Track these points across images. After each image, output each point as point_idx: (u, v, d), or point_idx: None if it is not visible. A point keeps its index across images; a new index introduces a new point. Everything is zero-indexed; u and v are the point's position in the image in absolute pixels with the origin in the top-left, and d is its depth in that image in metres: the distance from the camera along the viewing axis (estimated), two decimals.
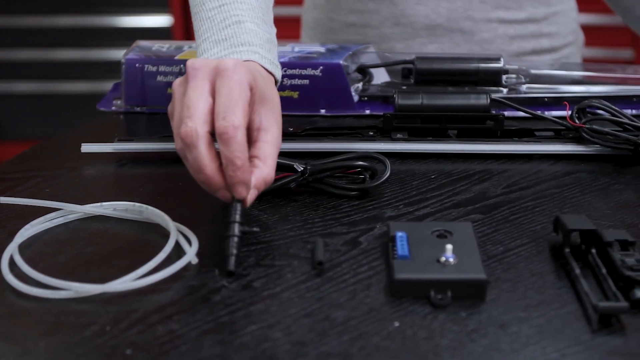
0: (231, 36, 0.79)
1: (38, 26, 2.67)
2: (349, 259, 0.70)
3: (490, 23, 1.15)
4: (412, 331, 0.60)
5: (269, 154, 0.71)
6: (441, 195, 0.81)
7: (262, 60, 0.78)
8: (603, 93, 1.02)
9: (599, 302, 0.61)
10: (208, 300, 0.64)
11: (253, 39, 0.79)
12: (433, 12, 1.14)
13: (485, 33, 1.15)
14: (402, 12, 1.15)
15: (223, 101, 0.68)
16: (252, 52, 0.78)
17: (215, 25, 0.81)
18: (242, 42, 0.79)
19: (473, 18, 1.14)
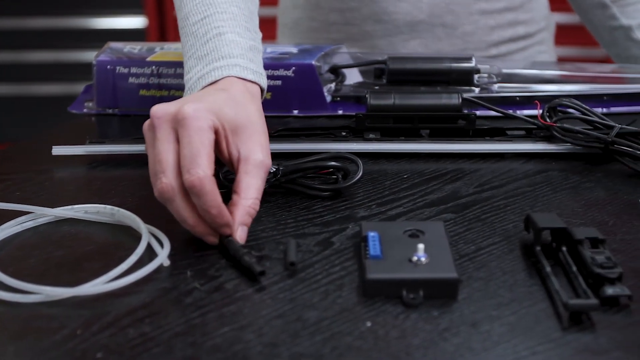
0: (212, 50, 0.79)
1: (10, 28, 2.65)
2: (321, 260, 0.70)
3: (471, 15, 1.16)
4: (384, 331, 0.60)
5: (249, 184, 0.71)
6: (413, 194, 0.81)
7: (243, 72, 0.78)
8: (574, 92, 1.03)
9: (569, 300, 0.61)
10: (180, 303, 0.64)
11: (233, 50, 0.79)
12: (415, 9, 1.14)
13: (467, 26, 1.16)
14: (384, 10, 1.15)
15: (186, 153, 0.68)
16: (232, 66, 0.78)
17: (198, 39, 0.81)
18: (223, 55, 0.79)
19: (455, 12, 1.15)
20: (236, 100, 0.75)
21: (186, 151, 0.68)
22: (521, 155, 0.90)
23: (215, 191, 0.68)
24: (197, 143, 0.68)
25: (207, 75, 0.78)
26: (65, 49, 2.67)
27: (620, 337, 0.59)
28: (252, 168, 0.72)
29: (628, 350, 0.58)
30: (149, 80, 0.99)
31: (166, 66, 0.99)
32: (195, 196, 0.68)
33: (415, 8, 1.14)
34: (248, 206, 0.71)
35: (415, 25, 1.15)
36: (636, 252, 0.71)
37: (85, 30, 2.67)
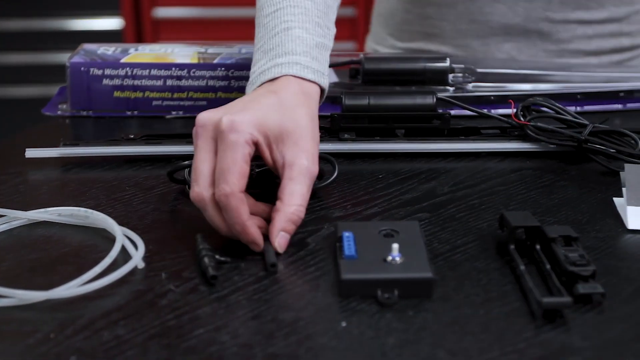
0: (277, 45, 0.80)
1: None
2: (296, 260, 0.70)
3: (568, 24, 1.14)
4: (359, 331, 0.60)
5: (292, 191, 0.71)
6: (389, 194, 0.81)
7: (302, 72, 0.78)
8: (548, 91, 1.03)
9: (543, 298, 0.61)
10: (155, 305, 0.64)
11: (297, 47, 0.79)
12: (510, 11, 1.12)
13: (564, 33, 1.14)
14: (479, 9, 1.14)
15: (218, 168, 0.69)
16: (293, 64, 0.78)
17: (267, 32, 0.82)
18: (286, 52, 0.79)
19: (551, 19, 1.13)
20: (285, 104, 0.74)
21: (219, 165, 0.69)
22: (496, 154, 0.90)
23: (241, 209, 0.68)
24: (229, 159, 0.69)
25: (267, 71, 0.78)
26: (41, 51, 2.65)
27: (594, 335, 0.60)
28: (297, 175, 0.71)
29: (601, 347, 0.58)
30: (123, 81, 0.99)
31: (140, 67, 0.99)
32: (223, 210, 0.69)
33: (511, 11, 1.12)
34: (290, 213, 0.70)
35: (509, 29, 1.13)
36: (609, 250, 0.71)
37: (61, 31, 2.65)
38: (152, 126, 0.99)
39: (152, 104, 1.00)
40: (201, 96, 1.00)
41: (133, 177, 0.85)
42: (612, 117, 1.00)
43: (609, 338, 0.59)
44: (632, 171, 0.78)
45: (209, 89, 1.00)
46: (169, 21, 2.61)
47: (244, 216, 0.68)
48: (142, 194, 0.82)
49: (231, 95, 1.00)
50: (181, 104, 1.00)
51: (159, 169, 0.86)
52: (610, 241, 0.73)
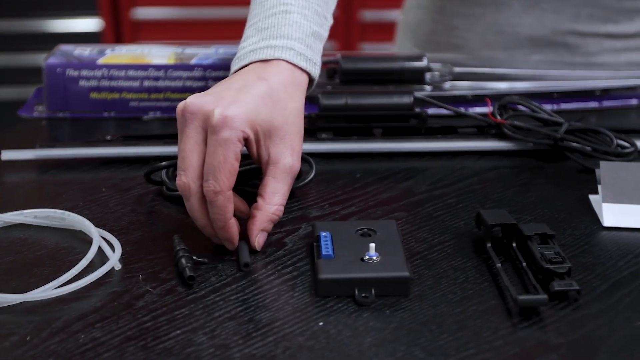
0: (273, 26, 0.78)
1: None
2: (274, 260, 0.70)
3: (597, 37, 1.13)
4: (336, 330, 0.60)
5: (275, 189, 0.71)
6: (366, 194, 0.81)
7: (295, 58, 0.76)
8: (525, 89, 1.03)
9: (518, 296, 0.62)
10: (131, 306, 0.63)
11: (294, 32, 0.78)
12: (538, 23, 1.11)
13: (591, 46, 1.13)
14: (507, 20, 1.12)
15: (208, 163, 0.68)
16: (287, 49, 0.77)
17: (264, 11, 0.80)
18: (281, 35, 0.78)
19: (579, 32, 1.12)
20: (276, 96, 0.73)
21: (209, 160, 0.68)
22: (473, 153, 0.90)
23: (227, 207, 0.68)
24: (221, 156, 0.68)
25: (259, 50, 0.77)
26: (17, 52, 2.63)
27: (569, 331, 0.60)
28: (280, 173, 0.72)
29: (577, 344, 0.59)
30: (99, 82, 0.98)
31: (117, 69, 0.98)
32: (209, 204, 0.68)
33: (538, 22, 1.11)
34: (271, 212, 0.71)
35: (536, 41, 1.12)
36: (585, 247, 0.72)
37: (38, 33, 2.63)
38: (129, 127, 0.98)
39: (129, 105, 1.00)
40: (178, 97, 1.00)
41: (110, 178, 0.85)
42: (589, 115, 1.01)
43: (584, 334, 0.60)
44: (608, 169, 0.78)
45: (186, 90, 0.99)
46: (148, 22, 2.60)
47: (228, 214, 0.68)
48: (119, 195, 0.81)
49: None
50: (158, 105, 1.00)
51: (136, 170, 0.85)
52: (586, 238, 0.73)
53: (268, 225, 0.71)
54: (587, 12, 1.10)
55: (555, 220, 0.76)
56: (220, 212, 0.68)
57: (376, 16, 2.45)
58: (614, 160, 0.83)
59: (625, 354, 0.58)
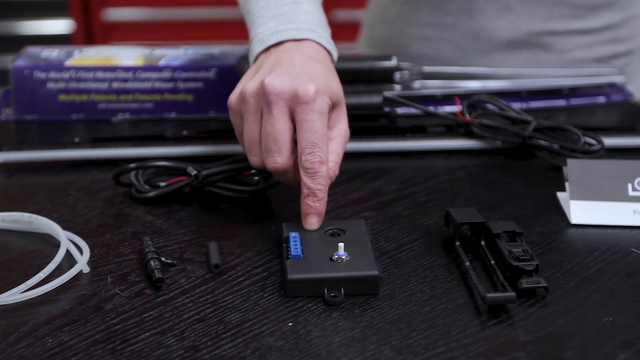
0: (289, 13, 0.79)
1: None
2: (243, 261, 0.70)
3: (569, 34, 1.14)
4: (305, 330, 0.60)
5: (331, 150, 0.73)
6: (336, 194, 0.81)
7: (320, 39, 0.79)
8: (494, 88, 1.04)
9: (487, 294, 0.62)
10: (100, 309, 0.63)
11: (310, 19, 0.80)
12: (513, 27, 1.12)
13: (565, 44, 1.14)
14: (481, 26, 1.12)
15: (308, 136, 0.70)
16: (310, 31, 0.78)
17: (272, 4, 0.81)
18: (300, 20, 0.79)
19: (553, 31, 1.13)
20: (332, 72, 0.77)
21: (308, 134, 0.70)
22: (442, 152, 0.91)
23: (328, 176, 0.71)
24: (320, 128, 0.70)
25: (284, 32, 0.78)
26: None
27: (537, 328, 0.60)
28: (336, 136, 0.74)
29: (544, 340, 0.59)
30: (67, 84, 0.98)
31: (85, 70, 0.98)
32: (310, 177, 0.70)
33: (513, 26, 1.12)
34: (330, 168, 0.72)
35: (513, 44, 1.12)
36: (553, 244, 0.72)
37: (8, 35, 2.61)
38: (98, 129, 0.98)
39: (97, 106, 0.99)
40: (147, 98, 0.99)
41: (78, 181, 0.85)
42: (557, 114, 1.02)
43: (551, 331, 0.60)
44: (575, 166, 0.79)
45: (155, 91, 0.99)
46: (120, 23, 2.59)
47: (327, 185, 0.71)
48: (87, 198, 0.81)
49: (177, 96, 0.99)
50: (127, 107, 1.00)
51: (105, 173, 0.85)
52: (554, 236, 0.74)
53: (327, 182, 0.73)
54: (558, 11, 1.11)
55: (524, 218, 0.76)
56: (324, 182, 0.70)
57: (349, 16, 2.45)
58: (582, 158, 0.84)
59: (593, 350, 0.58)
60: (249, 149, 0.73)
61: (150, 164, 0.80)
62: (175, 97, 0.99)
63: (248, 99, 0.73)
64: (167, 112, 1.00)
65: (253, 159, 0.74)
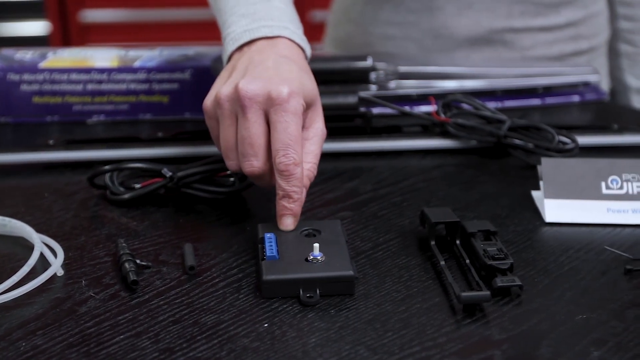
0: (260, 11, 0.79)
1: None
2: (219, 263, 0.69)
3: (530, 31, 1.15)
4: (281, 331, 0.60)
5: (308, 150, 0.73)
6: (311, 194, 0.81)
7: (292, 36, 0.78)
8: (469, 88, 1.04)
9: (461, 293, 0.62)
10: (74, 312, 0.63)
11: (282, 16, 0.80)
12: (474, 24, 1.12)
13: (526, 41, 1.15)
14: (443, 24, 1.13)
15: (281, 138, 0.70)
16: (283, 28, 0.78)
17: (242, 1, 0.81)
18: (272, 17, 0.79)
19: (514, 28, 1.14)
20: (306, 71, 0.76)
21: (282, 135, 0.70)
22: (417, 151, 0.91)
23: (303, 177, 0.70)
24: (294, 129, 0.70)
25: (256, 29, 0.78)
26: None
27: (512, 327, 0.61)
28: (313, 136, 0.74)
29: (519, 339, 0.59)
30: (42, 87, 0.97)
31: (59, 72, 0.97)
32: (285, 179, 0.70)
33: (475, 23, 1.13)
34: (307, 169, 0.73)
35: (474, 41, 1.13)
36: (527, 243, 0.73)
37: None
38: (73, 131, 0.97)
39: (72, 108, 0.99)
40: (122, 100, 0.99)
41: (53, 183, 0.84)
42: (532, 113, 1.02)
43: (526, 329, 0.60)
44: (549, 165, 0.79)
45: (130, 92, 0.99)
46: (96, 25, 2.57)
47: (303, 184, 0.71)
48: (62, 200, 0.80)
49: (153, 98, 0.99)
50: (102, 108, 0.99)
51: (80, 175, 0.84)
52: (528, 234, 0.74)
53: (306, 182, 0.73)
54: (519, 8, 1.12)
55: (499, 216, 0.77)
56: (298, 183, 0.70)
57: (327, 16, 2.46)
58: (556, 157, 0.84)
59: (567, 348, 0.58)
60: (226, 154, 0.73)
61: (125, 165, 0.80)
62: (150, 99, 0.99)
63: (223, 104, 0.72)
64: (142, 114, 1.00)
65: (230, 163, 0.73)
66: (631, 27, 1.21)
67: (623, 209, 0.76)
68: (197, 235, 0.74)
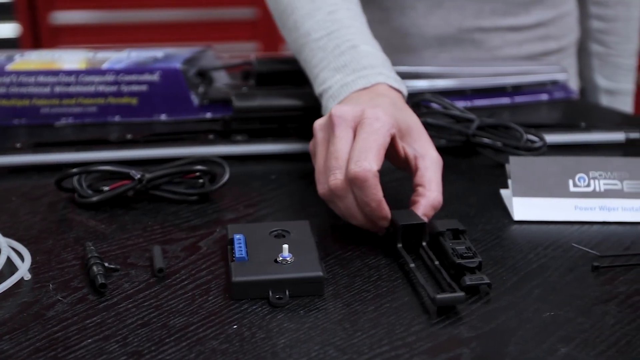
0: (351, 61, 0.81)
1: None
2: (188, 265, 0.69)
3: (499, 31, 1.15)
4: (250, 333, 0.60)
5: (431, 178, 0.73)
6: (281, 195, 0.81)
7: (388, 80, 0.79)
8: (438, 87, 1.05)
9: (436, 295, 0.62)
10: (41, 317, 0.62)
11: (373, 61, 0.81)
12: (444, 23, 1.13)
13: (495, 40, 1.15)
14: (412, 22, 1.13)
15: (358, 147, 0.70)
16: (377, 74, 0.80)
17: (329, 53, 0.82)
18: (365, 66, 0.80)
19: (483, 27, 1.14)
20: (399, 104, 0.77)
21: (359, 145, 0.70)
22: None
23: (378, 186, 0.69)
24: (372, 141, 0.70)
25: (352, 83, 0.79)
26: None
27: (480, 325, 0.61)
28: (431, 164, 0.74)
29: (487, 336, 0.60)
30: (8, 89, 0.97)
31: (26, 75, 0.97)
32: (357, 188, 0.69)
33: (444, 22, 1.13)
34: (433, 198, 0.73)
35: (443, 40, 1.13)
36: (496, 241, 0.73)
37: None
38: (41, 134, 0.97)
39: (40, 111, 0.98)
40: (91, 102, 0.98)
41: (20, 187, 0.83)
42: (501, 111, 1.03)
43: (495, 327, 0.61)
44: (517, 163, 0.80)
45: (99, 95, 0.98)
46: (67, 26, 2.56)
47: (380, 193, 0.69)
48: (29, 204, 0.80)
49: (122, 100, 0.98)
50: (70, 111, 0.99)
51: (48, 178, 0.84)
52: (497, 232, 0.75)
53: (430, 212, 0.73)
54: (489, 7, 1.13)
55: (467, 215, 0.77)
56: (374, 191, 0.69)
57: None
58: (524, 155, 0.85)
59: (534, 345, 0.59)
60: (317, 178, 0.73)
61: (93, 168, 0.80)
62: (119, 101, 0.99)
63: (317, 133, 0.74)
64: (111, 116, 0.99)
65: (319, 186, 0.73)
66: (603, 27, 1.22)
67: (590, 206, 0.77)
68: (166, 237, 0.74)
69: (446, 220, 0.72)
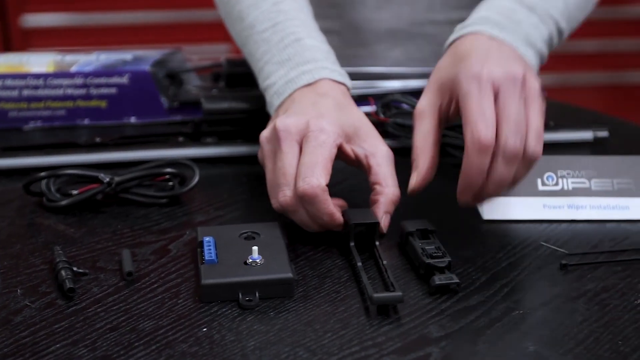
0: (294, 55, 0.80)
1: None
2: (157, 268, 0.69)
3: (452, 24, 1.14)
4: (219, 335, 0.60)
5: (385, 174, 0.74)
6: (252, 197, 0.81)
7: (331, 75, 0.79)
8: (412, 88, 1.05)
9: (374, 294, 0.62)
10: (9, 322, 0.62)
11: (316, 54, 0.81)
12: (395, 17, 1.12)
13: (448, 34, 1.14)
14: (364, 17, 1.13)
15: (304, 162, 0.70)
16: (321, 68, 0.79)
17: (273, 46, 0.82)
18: (307, 60, 0.80)
19: (435, 21, 1.13)
20: (343, 104, 0.78)
21: (305, 160, 0.70)
22: None
23: (328, 199, 0.70)
24: (318, 155, 0.71)
25: (296, 78, 0.79)
26: None
27: (450, 324, 0.61)
28: (382, 160, 0.75)
29: (457, 336, 0.60)
30: None
31: None
32: (307, 203, 0.70)
33: (396, 16, 1.12)
34: (392, 194, 0.73)
35: (396, 34, 1.12)
36: (464, 240, 0.73)
37: None
38: (9, 138, 0.96)
39: (7, 115, 0.97)
40: (59, 105, 0.98)
41: None
42: None
43: (464, 326, 0.61)
44: None
45: (67, 98, 0.98)
46: (38, 29, 2.54)
47: (331, 205, 0.70)
48: None
49: (90, 103, 0.98)
50: (39, 114, 0.98)
51: (16, 182, 0.83)
52: (467, 232, 0.75)
53: (391, 208, 0.73)
54: (440, 0, 1.13)
55: (437, 215, 0.77)
56: (324, 206, 0.70)
57: None
58: None
59: (504, 344, 0.59)
60: (269, 192, 0.74)
61: (61, 172, 0.79)
62: (88, 104, 0.98)
63: (263, 146, 0.74)
64: (80, 119, 0.99)
65: (272, 201, 0.73)
66: None
67: (559, 204, 0.78)
68: (136, 240, 0.74)
69: (416, 220, 0.73)
